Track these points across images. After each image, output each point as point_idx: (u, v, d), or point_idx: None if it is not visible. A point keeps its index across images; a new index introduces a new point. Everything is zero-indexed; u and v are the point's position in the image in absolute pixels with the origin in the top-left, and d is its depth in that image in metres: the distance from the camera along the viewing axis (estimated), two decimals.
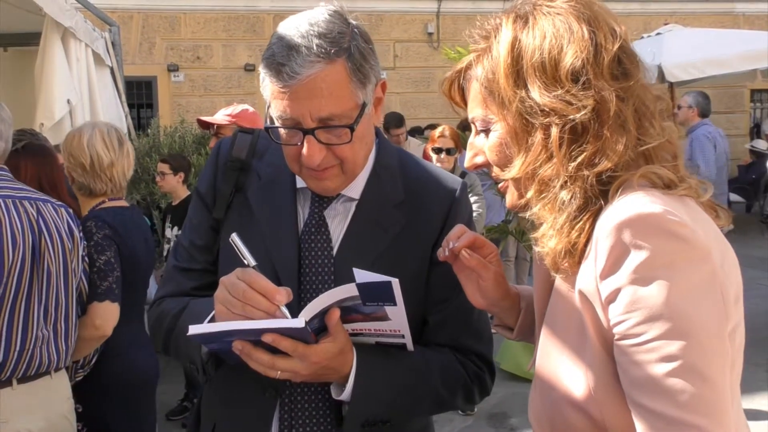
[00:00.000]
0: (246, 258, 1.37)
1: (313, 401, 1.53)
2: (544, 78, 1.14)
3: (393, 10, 12.96)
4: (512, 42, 1.18)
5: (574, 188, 1.12)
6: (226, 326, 1.30)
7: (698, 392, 0.99)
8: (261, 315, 1.31)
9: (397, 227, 1.57)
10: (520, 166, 1.17)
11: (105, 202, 2.99)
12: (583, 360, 1.14)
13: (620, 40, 1.16)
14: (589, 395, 1.12)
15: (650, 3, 13.21)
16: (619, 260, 1.04)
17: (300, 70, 1.35)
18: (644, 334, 1.02)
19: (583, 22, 1.15)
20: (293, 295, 1.49)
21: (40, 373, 2.44)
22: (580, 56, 1.12)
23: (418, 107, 13.02)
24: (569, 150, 1.12)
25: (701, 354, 1.00)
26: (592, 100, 1.11)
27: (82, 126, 3.07)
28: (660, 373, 1.01)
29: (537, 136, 1.15)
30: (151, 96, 12.21)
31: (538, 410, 1.26)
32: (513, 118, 1.17)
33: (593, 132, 1.12)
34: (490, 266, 1.41)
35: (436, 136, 5.56)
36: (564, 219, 1.13)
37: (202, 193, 1.66)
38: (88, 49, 5.34)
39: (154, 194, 6.58)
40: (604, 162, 1.11)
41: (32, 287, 2.41)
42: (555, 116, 1.12)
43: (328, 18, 1.42)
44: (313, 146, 1.41)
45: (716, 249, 1.07)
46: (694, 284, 1.02)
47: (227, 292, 1.34)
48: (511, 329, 1.50)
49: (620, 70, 1.15)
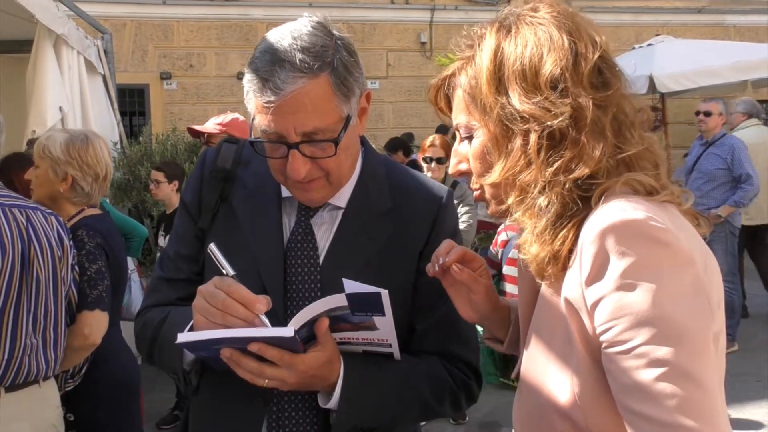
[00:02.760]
0: (224, 267, 1.37)
1: (301, 409, 1.53)
2: (524, 85, 1.16)
3: (386, 20, 13.00)
4: (495, 50, 1.20)
5: (551, 194, 1.13)
6: (215, 334, 1.30)
7: (690, 395, 0.99)
8: (240, 323, 1.31)
9: (384, 236, 1.57)
10: (500, 171, 1.19)
11: (85, 210, 2.98)
12: (568, 367, 1.14)
13: (600, 50, 1.18)
14: (574, 402, 1.13)
15: (642, 14, 13.29)
16: (603, 267, 1.05)
17: (283, 86, 1.35)
18: (632, 340, 1.02)
19: (564, 31, 1.18)
20: (279, 303, 1.49)
21: (28, 381, 2.42)
22: (559, 64, 1.15)
23: (411, 116, 13.04)
24: (547, 156, 1.14)
25: (691, 357, 1.01)
26: (569, 107, 1.13)
27: (86, 134, 3.04)
28: (650, 378, 1.01)
29: (516, 142, 1.16)
30: (144, 104, 12.17)
31: (523, 416, 1.27)
32: (494, 124, 1.19)
33: (570, 139, 1.13)
34: (480, 280, 1.42)
35: (426, 145, 5.58)
36: (543, 225, 1.14)
37: (187, 203, 1.66)
38: (80, 57, 5.34)
39: (145, 202, 6.55)
40: (581, 168, 1.12)
41: (21, 295, 2.40)
42: (534, 122, 1.14)
43: (311, 30, 1.41)
44: (298, 160, 1.41)
45: (698, 254, 1.08)
46: (679, 288, 1.03)
47: (205, 301, 1.34)
48: (501, 342, 1.51)
49: (600, 79, 1.17)
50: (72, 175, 2.89)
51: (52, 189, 2.91)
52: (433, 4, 12.95)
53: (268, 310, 1.34)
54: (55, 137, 2.92)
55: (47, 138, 2.94)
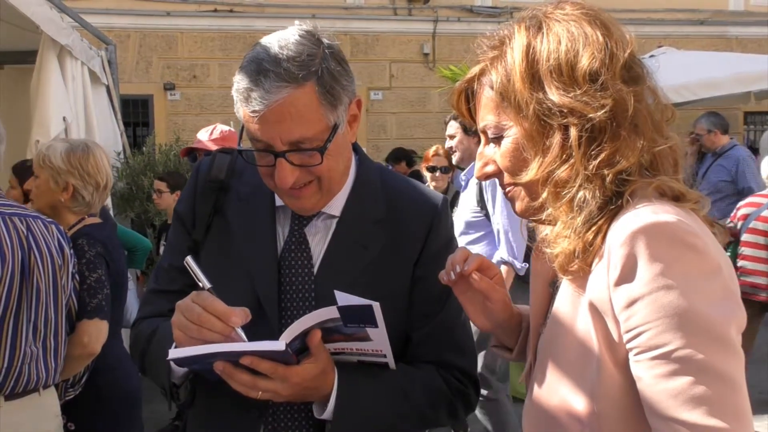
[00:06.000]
0: (201, 280, 1.37)
1: (297, 419, 1.53)
2: (561, 80, 1.16)
3: (389, 31, 13.05)
4: (526, 47, 1.20)
5: (593, 188, 1.13)
6: (206, 349, 1.30)
7: (727, 398, 1.01)
8: (217, 338, 1.31)
9: (379, 245, 1.56)
10: (537, 168, 1.18)
11: (85, 219, 2.99)
12: (586, 374, 1.13)
13: (630, 47, 1.19)
14: (591, 411, 1.12)
15: (644, 26, 13.31)
16: (634, 269, 1.05)
17: (268, 96, 1.35)
18: (668, 344, 1.02)
19: (597, 27, 1.18)
20: (274, 313, 1.48)
21: (28, 390, 2.42)
22: (597, 57, 1.15)
23: (414, 127, 13.07)
24: (588, 150, 1.14)
25: (725, 360, 1.02)
26: (610, 100, 1.13)
27: (86, 143, 3.06)
28: (687, 383, 1.01)
29: (555, 137, 1.16)
30: (148, 114, 12.22)
31: (534, 421, 1.26)
32: (530, 121, 1.18)
33: (610, 132, 1.14)
34: (498, 288, 1.40)
35: (430, 154, 5.59)
36: (583, 218, 1.13)
37: (181, 214, 1.66)
38: (84, 67, 5.36)
39: (148, 212, 6.56)
40: (622, 162, 1.12)
41: (21, 304, 2.40)
42: (573, 117, 1.14)
43: (298, 39, 1.41)
44: (285, 169, 1.41)
45: (723, 261, 1.08)
46: (711, 293, 1.03)
47: (183, 316, 1.33)
48: (510, 350, 1.50)
49: (630, 74, 1.17)
50: (73, 184, 2.90)
51: (52, 198, 2.93)
52: (436, 16, 13.00)
53: (246, 323, 1.33)
54: (55, 147, 2.94)
55: (47, 148, 2.95)
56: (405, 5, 13.11)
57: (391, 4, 13.08)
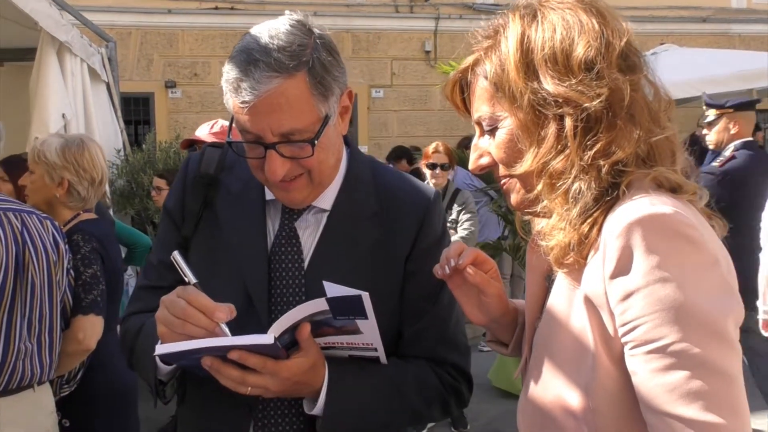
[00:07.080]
0: (186, 275, 1.36)
1: (287, 415, 1.51)
2: (556, 68, 1.14)
3: (391, 28, 13.02)
4: (521, 36, 1.17)
5: (589, 179, 1.11)
6: (193, 345, 1.28)
7: (724, 392, 0.99)
8: (201, 333, 1.29)
9: (370, 239, 1.54)
10: (533, 159, 1.16)
11: (80, 215, 2.98)
12: (582, 369, 1.12)
13: (627, 35, 1.17)
14: (587, 406, 1.11)
15: (646, 23, 13.27)
16: (629, 261, 1.03)
17: (258, 86, 1.32)
18: (664, 337, 1.01)
19: (593, 15, 1.16)
20: (264, 308, 1.47)
21: (22, 386, 2.42)
22: (592, 45, 1.13)
23: (416, 125, 13.04)
24: (584, 140, 1.12)
25: (723, 354, 1.00)
26: (606, 89, 1.11)
27: (81, 138, 3.04)
28: (684, 377, 1.00)
29: (550, 127, 1.14)
30: (149, 112, 12.20)
31: (529, 417, 1.25)
32: (524, 111, 1.16)
33: (606, 122, 1.12)
34: (493, 282, 1.38)
35: (430, 151, 5.58)
36: (578, 209, 1.11)
37: (170, 210, 1.64)
38: (84, 64, 5.36)
39: (148, 209, 6.56)
40: (618, 152, 1.10)
41: (15, 299, 2.39)
42: (569, 106, 1.12)
43: (289, 29, 1.38)
44: (275, 161, 1.39)
45: (721, 253, 1.07)
46: (708, 286, 1.02)
47: (167, 311, 1.32)
48: (506, 345, 1.48)
49: (626, 64, 1.15)
50: (68, 179, 2.89)
51: (47, 194, 2.91)
52: (438, 13, 12.96)
53: (231, 319, 1.31)
54: (50, 142, 2.93)
55: (42, 143, 2.94)
56: (406, 3, 13.08)
57: (392, 2, 13.05)
